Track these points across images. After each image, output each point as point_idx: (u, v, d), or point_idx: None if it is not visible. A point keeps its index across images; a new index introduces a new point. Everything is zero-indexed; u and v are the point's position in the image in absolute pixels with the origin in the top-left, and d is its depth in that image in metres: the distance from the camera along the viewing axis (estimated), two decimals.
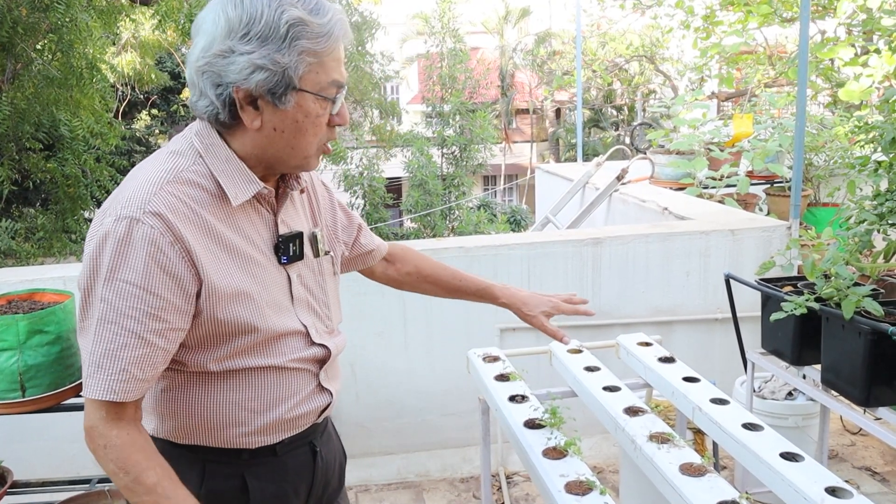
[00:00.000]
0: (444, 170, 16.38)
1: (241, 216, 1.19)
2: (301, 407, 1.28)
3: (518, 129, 24.84)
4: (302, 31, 1.08)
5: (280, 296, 1.23)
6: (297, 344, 1.26)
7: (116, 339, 1.07)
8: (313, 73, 1.10)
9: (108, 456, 1.10)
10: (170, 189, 1.10)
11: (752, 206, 4.73)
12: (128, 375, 1.08)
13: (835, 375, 2.14)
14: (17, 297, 2.17)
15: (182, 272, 1.09)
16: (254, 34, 1.07)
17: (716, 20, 8.10)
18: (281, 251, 1.23)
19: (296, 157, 1.17)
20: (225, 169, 1.15)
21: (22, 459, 2.36)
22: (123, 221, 1.06)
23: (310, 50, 1.09)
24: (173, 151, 1.16)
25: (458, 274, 1.66)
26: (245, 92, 1.10)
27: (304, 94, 1.11)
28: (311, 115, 1.13)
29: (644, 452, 1.62)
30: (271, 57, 1.07)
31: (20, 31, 6.08)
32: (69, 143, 7.24)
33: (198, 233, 1.11)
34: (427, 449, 3.17)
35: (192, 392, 1.20)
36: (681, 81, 13.55)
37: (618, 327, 3.09)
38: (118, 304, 1.06)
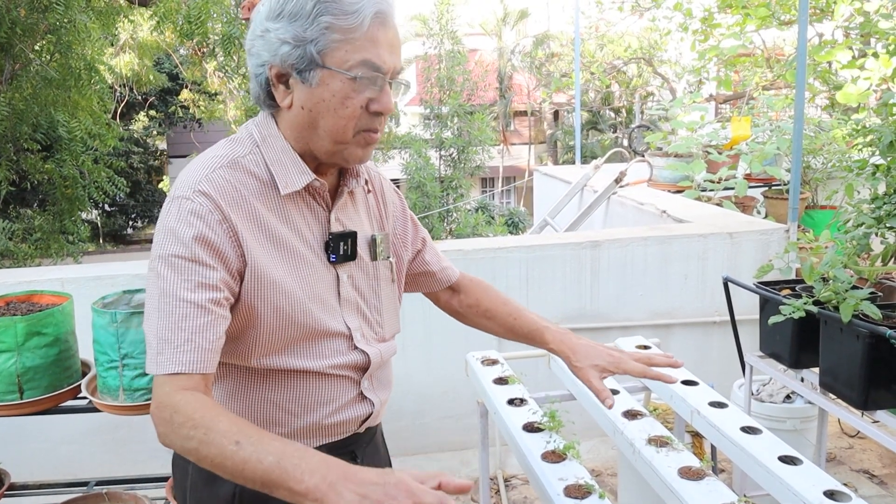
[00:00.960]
0: (442, 172, 16.39)
1: (293, 209, 1.18)
2: (339, 414, 1.25)
3: (516, 132, 24.85)
4: (327, 7, 1.08)
5: (326, 294, 1.21)
6: (339, 347, 1.23)
7: (177, 311, 1.07)
8: (340, 50, 1.09)
9: (175, 420, 1.00)
10: (221, 173, 1.12)
11: (751, 208, 4.74)
12: (194, 345, 1.06)
13: (833, 378, 2.15)
14: (15, 299, 2.17)
15: (228, 249, 1.10)
16: (286, 13, 1.09)
17: (714, 23, 8.11)
18: (331, 249, 1.21)
19: (328, 140, 1.14)
20: (280, 159, 1.16)
21: (19, 461, 2.36)
22: (175, 201, 1.10)
23: (334, 26, 1.08)
24: (231, 139, 1.19)
25: (514, 311, 1.51)
26: (277, 70, 1.11)
27: (330, 73, 1.09)
28: (337, 95, 1.11)
29: (643, 456, 1.62)
30: (296, 32, 1.08)
31: (19, 31, 6.07)
32: (67, 144, 7.24)
33: (245, 218, 1.12)
34: (425, 452, 3.16)
35: (231, 387, 1.20)
36: (679, 84, 13.58)
37: (616, 330, 3.09)
38: (172, 277, 1.07)
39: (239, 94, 10.01)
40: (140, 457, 2.86)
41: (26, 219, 8.42)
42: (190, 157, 15.50)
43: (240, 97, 10.06)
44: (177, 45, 10.20)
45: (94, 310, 1.97)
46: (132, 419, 2.83)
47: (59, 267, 3.36)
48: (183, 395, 1.04)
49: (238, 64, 8.28)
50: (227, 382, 1.20)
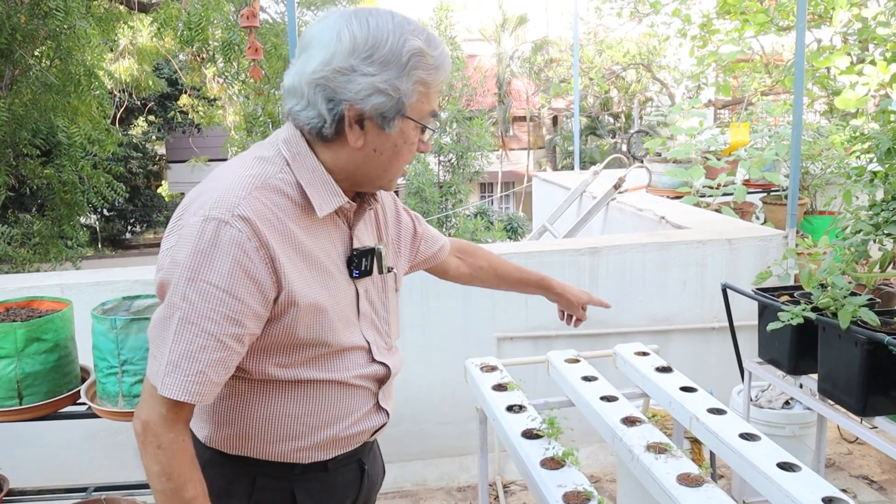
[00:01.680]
0: (441, 177, 16.41)
1: (321, 228, 1.19)
2: (358, 425, 1.28)
3: (515, 137, 24.88)
4: (420, 61, 1.11)
5: (348, 310, 1.24)
6: (360, 360, 1.26)
7: (196, 341, 1.07)
8: (421, 101, 1.14)
9: (157, 457, 1.10)
10: (257, 195, 1.11)
11: (749, 214, 4.75)
12: (204, 378, 1.08)
13: (831, 385, 2.15)
14: (15, 305, 2.17)
15: (265, 278, 1.09)
16: (377, 57, 1.09)
17: (712, 28, 8.13)
18: (354, 265, 1.24)
19: (384, 178, 1.20)
20: (311, 179, 1.16)
21: (18, 467, 2.36)
22: (212, 222, 1.07)
23: (423, 80, 1.13)
24: (260, 157, 1.17)
25: (520, 268, 1.79)
26: (357, 111, 1.11)
27: (408, 121, 1.15)
28: (408, 141, 1.17)
29: (642, 462, 1.62)
30: (392, 82, 1.10)
31: (19, 37, 6.08)
32: (66, 150, 7.23)
33: (281, 241, 1.12)
34: (424, 458, 3.16)
35: (252, 402, 1.20)
36: (677, 89, 13.60)
37: (615, 336, 3.09)
38: (200, 306, 1.06)
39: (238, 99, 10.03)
40: (139, 462, 2.85)
41: (25, 223, 8.41)
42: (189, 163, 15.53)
43: (238, 103, 10.07)
44: (176, 50, 10.21)
45: (94, 316, 1.97)
46: (131, 425, 2.84)
47: (59, 273, 3.36)
48: (174, 435, 1.11)
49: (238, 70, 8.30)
50: (246, 397, 1.20)
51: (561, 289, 1.81)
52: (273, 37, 8.27)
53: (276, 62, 8.26)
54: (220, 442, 1.23)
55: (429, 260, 1.55)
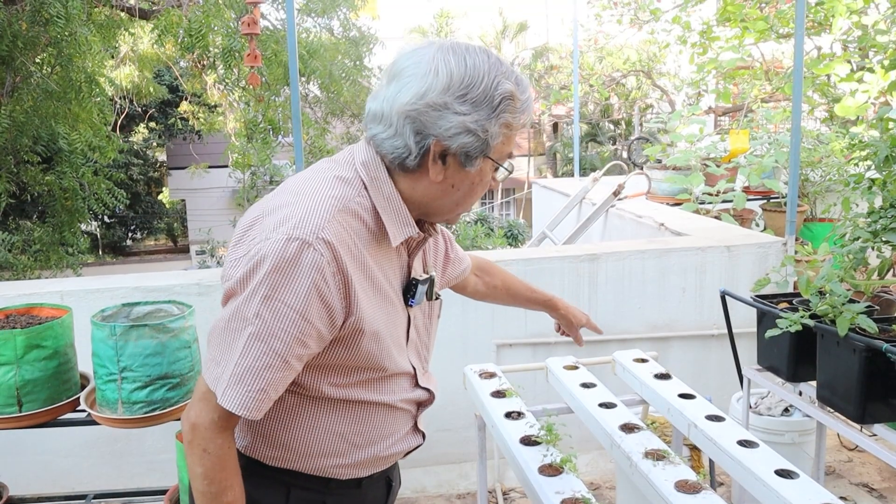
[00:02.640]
0: None
1: (386, 255, 1.20)
2: (397, 446, 1.31)
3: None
4: (510, 104, 1.11)
5: (401, 336, 1.26)
6: (406, 384, 1.29)
7: (263, 358, 1.08)
8: (503, 143, 1.15)
9: (203, 460, 1.13)
10: (340, 218, 1.10)
11: (749, 221, 4.76)
12: (264, 395, 1.10)
13: (830, 392, 2.15)
14: (15, 312, 2.17)
15: (337, 303, 1.10)
16: (471, 97, 1.09)
17: (712, 36, 8.15)
18: (411, 294, 1.25)
19: (454, 212, 1.21)
20: (386, 207, 1.16)
21: (18, 474, 2.36)
22: (295, 242, 1.06)
23: (509, 123, 1.13)
24: (340, 178, 1.16)
25: (530, 288, 1.82)
26: (443, 147, 1.12)
27: (488, 161, 1.15)
28: (484, 180, 1.18)
29: (640, 469, 1.62)
30: (482, 123, 1.10)
31: (20, 44, 6.12)
32: (67, 157, 7.27)
33: (356, 267, 1.12)
34: (423, 465, 3.16)
35: (300, 415, 1.21)
36: (678, 96, 13.63)
37: (614, 343, 3.09)
38: (273, 325, 1.07)
39: (238, 106, 10.05)
40: (138, 470, 2.86)
41: (26, 230, 8.43)
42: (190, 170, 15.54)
43: (239, 109, 10.10)
44: (177, 57, 10.24)
45: (94, 322, 1.98)
46: (130, 432, 2.84)
47: (59, 280, 3.36)
48: (222, 441, 1.13)
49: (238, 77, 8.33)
50: (291, 413, 1.21)
51: (565, 310, 1.84)
52: (273, 44, 8.30)
53: (276, 69, 8.29)
54: (260, 452, 1.25)
55: (452, 281, 1.56)
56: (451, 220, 1.25)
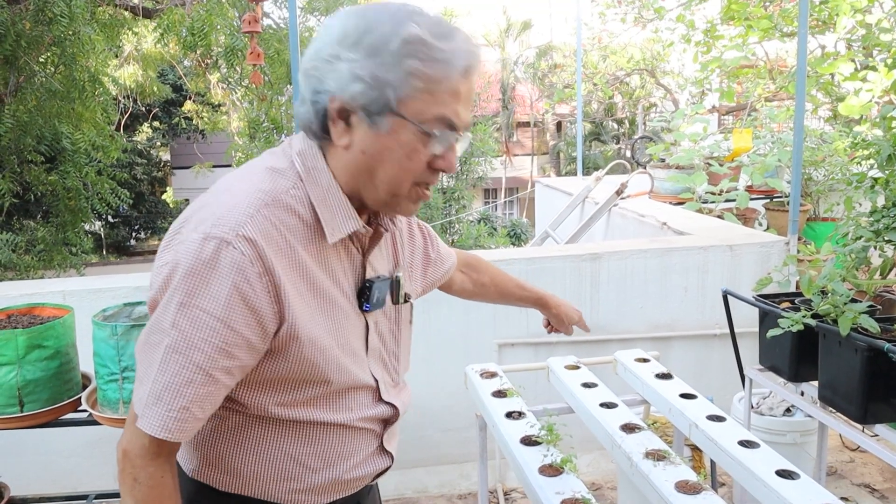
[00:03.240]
0: (444, 183, 16.42)
1: (332, 253, 1.07)
2: (359, 469, 1.18)
3: (519, 143, 24.89)
4: (416, 49, 0.95)
5: (356, 345, 1.12)
6: (365, 399, 1.15)
7: (182, 373, 0.97)
8: (419, 100, 0.97)
9: (133, 491, 1.02)
10: (266, 213, 0.99)
11: (752, 220, 4.74)
12: (187, 414, 0.98)
13: (832, 392, 2.14)
14: (16, 312, 2.18)
15: (265, 308, 0.98)
16: (365, 43, 0.97)
17: (716, 34, 8.14)
18: (365, 297, 1.11)
19: (383, 191, 1.03)
20: (325, 199, 1.04)
21: (19, 474, 2.36)
22: (212, 242, 0.95)
23: (420, 73, 0.96)
24: (272, 168, 1.05)
25: (520, 285, 1.72)
26: (340, 103, 0.99)
27: (403, 122, 0.98)
28: (405, 147, 0.99)
29: (640, 470, 1.62)
30: (373, 70, 0.96)
31: (23, 44, 6.13)
32: (71, 156, 7.29)
33: (288, 267, 1.00)
34: (425, 465, 3.16)
35: (247, 437, 1.10)
36: (682, 95, 13.61)
37: (615, 342, 3.09)
38: (191, 335, 0.96)
39: (242, 105, 10.07)
40: None
41: (29, 230, 8.46)
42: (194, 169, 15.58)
43: (243, 108, 10.11)
44: (181, 56, 10.26)
45: (95, 322, 1.98)
46: None
47: (61, 279, 3.37)
48: (153, 470, 1.02)
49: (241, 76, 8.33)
50: (238, 435, 1.11)
51: (557, 308, 1.76)
52: (276, 42, 8.32)
53: (278, 68, 8.30)
54: (209, 476, 1.13)
55: (436, 282, 1.43)
56: (393, 205, 1.06)
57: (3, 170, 7.15)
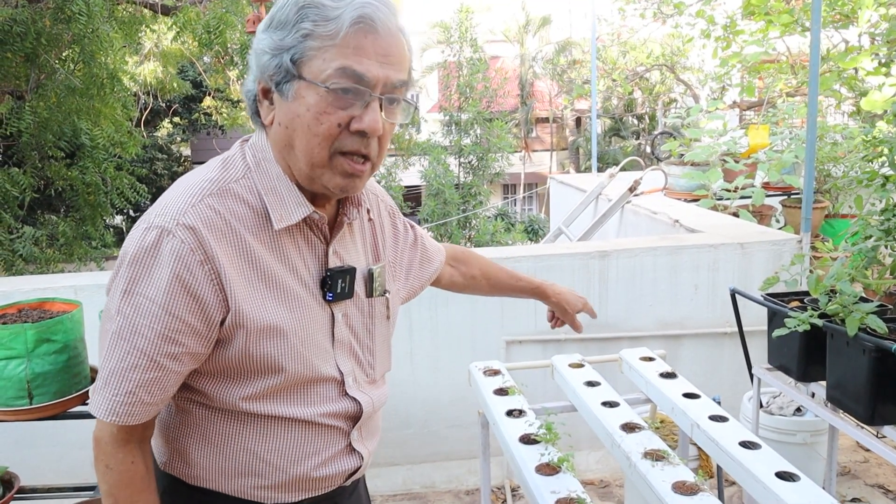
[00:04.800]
0: (462, 179, 16.42)
1: (288, 242, 1.07)
2: (325, 468, 1.16)
3: (538, 138, 24.80)
4: (308, 12, 0.97)
5: (320, 336, 1.11)
6: (329, 393, 1.14)
7: (127, 358, 1.00)
8: (317, 59, 0.97)
9: (106, 476, 1.06)
10: (210, 202, 1.01)
11: (768, 217, 4.68)
12: (134, 398, 1.01)
13: (840, 392, 2.11)
14: (27, 306, 2.22)
15: (207, 295, 0.99)
16: (274, 22, 1.00)
17: (736, 29, 8.03)
18: (328, 286, 1.10)
19: (303, 162, 1.02)
20: (274, 187, 1.05)
21: (32, 465, 2.41)
22: (153, 231, 0.98)
23: (313, 33, 0.97)
24: (224, 160, 1.08)
25: (514, 274, 1.67)
26: (262, 84, 1.02)
27: (307, 84, 0.98)
28: (312, 110, 0.98)
29: (638, 470, 1.61)
30: (275, 41, 0.99)
31: (43, 42, 6.21)
32: (90, 152, 7.37)
33: (233, 254, 1.01)
34: (432, 460, 3.16)
35: (210, 432, 1.11)
36: (702, 90, 13.46)
37: (625, 340, 3.07)
38: (134, 321, 0.99)
39: None
40: None
41: (51, 225, 8.57)
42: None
43: None
44: (200, 53, 10.34)
45: (101, 317, 2.00)
46: None
47: (73, 274, 3.42)
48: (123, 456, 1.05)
49: None
50: (202, 428, 1.11)
51: (556, 297, 1.72)
52: None
53: None
54: (178, 469, 1.14)
55: (428, 280, 1.43)
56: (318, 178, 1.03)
57: (25, 165, 7.26)
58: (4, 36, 5.91)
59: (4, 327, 2.01)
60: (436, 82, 21.10)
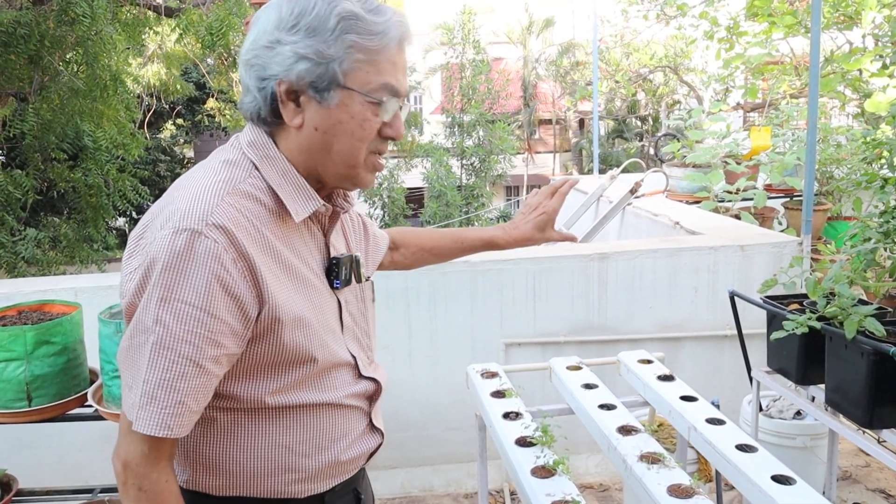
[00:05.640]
0: (464, 181, 16.42)
1: (295, 235, 1.10)
2: (353, 449, 1.19)
3: (541, 140, 24.80)
4: (353, 25, 1.01)
5: (333, 323, 1.15)
6: (347, 377, 1.17)
7: (174, 368, 0.97)
8: (362, 71, 1.03)
9: (138, 501, 1.02)
10: (230, 200, 1.01)
11: (770, 220, 4.68)
12: (184, 408, 0.99)
13: (839, 396, 2.10)
14: (27, 308, 2.22)
15: (245, 293, 1.00)
16: (302, 25, 1.01)
17: (740, 31, 8.02)
18: (334, 274, 1.15)
19: (340, 164, 1.08)
20: (282, 183, 1.07)
21: (31, 468, 2.41)
22: (183, 234, 0.96)
23: (359, 46, 1.02)
24: (226, 161, 1.08)
25: (458, 237, 1.62)
26: (287, 85, 1.03)
27: (350, 93, 1.03)
28: (356, 118, 1.04)
29: (634, 473, 1.61)
30: (316, 47, 1.01)
31: (47, 44, 6.23)
32: (92, 154, 7.40)
33: (260, 251, 1.02)
34: (431, 463, 3.16)
35: (237, 435, 1.10)
36: (706, 92, 13.44)
37: (624, 343, 3.06)
38: (176, 329, 0.97)
39: None
40: None
41: (53, 227, 8.60)
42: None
43: None
44: (203, 54, 10.37)
45: (100, 319, 2.01)
46: None
47: (74, 276, 3.43)
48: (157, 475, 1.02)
49: None
50: (230, 433, 1.11)
51: (508, 242, 1.58)
52: None
53: None
54: (203, 483, 1.13)
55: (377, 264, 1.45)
56: (352, 177, 1.10)
57: (28, 167, 7.29)
58: (8, 38, 5.93)
59: (4, 329, 2.01)
60: (439, 84, 21.12)
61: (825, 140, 4.76)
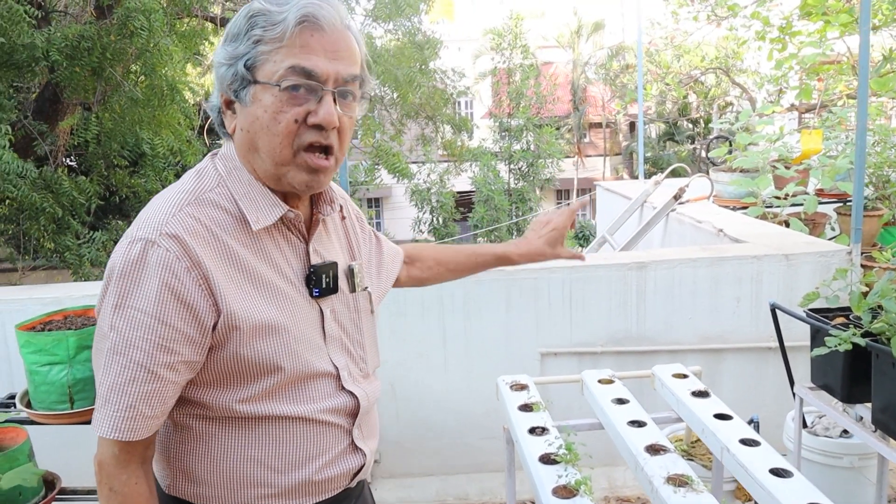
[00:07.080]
0: (512, 185, 16.34)
1: (269, 243, 1.10)
2: (330, 469, 1.16)
3: (591, 143, 24.52)
4: (257, 20, 1.03)
5: (311, 332, 1.13)
6: (327, 389, 1.15)
7: (124, 373, 1.00)
8: (269, 62, 1.03)
9: (108, 500, 1.06)
10: (189, 210, 1.04)
11: (821, 226, 4.51)
12: (135, 412, 1.01)
13: (887, 416, 2.01)
14: (72, 313, 2.30)
15: (198, 301, 1.01)
16: (229, 36, 1.06)
17: (793, 31, 7.78)
18: (313, 283, 1.14)
19: (269, 162, 1.07)
20: (248, 192, 1.09)
21: (71, 468, 2.48)
22: (138, 244, 1.00)
23: (264, 38, 1.03)
24: (198, 172, 1.12)
25: (473, 253, 1.63)
26: (225, 96, 1.08)
27: (262, 87, 1.04)
28: (269, 111, 1.04)
29: (660, 495, 1.56)
30: (230, 52, 1.05)
31: (109, 56, 6.47)
32: (150, 160, 7.65)
33: (218, 258, 1.04)
34: (466, 472, 3.15)
35: (210, 443, 1.11)
36: (758, 94, 13.07)
37: (663, 354, 3.00)
38: (128, 334, 1.00)
39: None
40: None
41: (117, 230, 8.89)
42: None
43: None
44: None
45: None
46: None
47: None
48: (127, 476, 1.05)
49: None
50: (204, 442, 1.11)
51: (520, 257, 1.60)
52: None
53: None
54: (182, 489, 1.14)
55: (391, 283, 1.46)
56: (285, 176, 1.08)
57: (92, 173, 7.58)
58: (73, 51, 6.18)
59: (48, 334, 2.09)
60: (488, 88, 21.10)
61: (882, 142, 4.56)
